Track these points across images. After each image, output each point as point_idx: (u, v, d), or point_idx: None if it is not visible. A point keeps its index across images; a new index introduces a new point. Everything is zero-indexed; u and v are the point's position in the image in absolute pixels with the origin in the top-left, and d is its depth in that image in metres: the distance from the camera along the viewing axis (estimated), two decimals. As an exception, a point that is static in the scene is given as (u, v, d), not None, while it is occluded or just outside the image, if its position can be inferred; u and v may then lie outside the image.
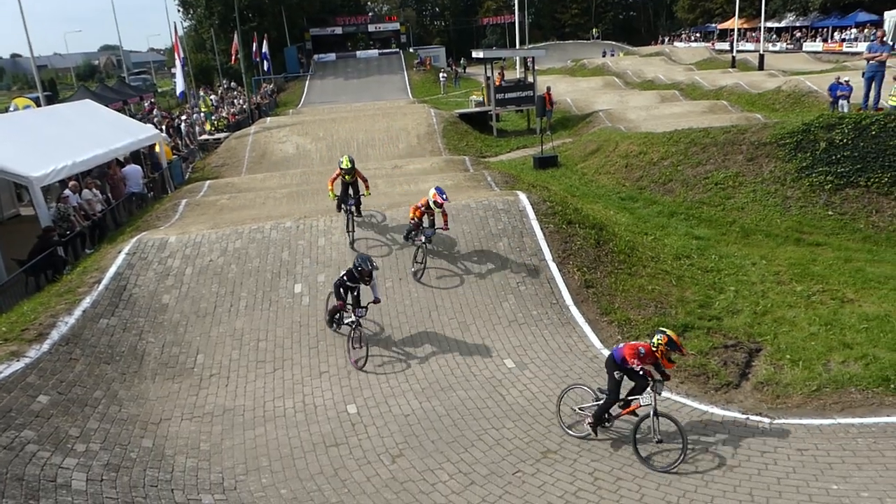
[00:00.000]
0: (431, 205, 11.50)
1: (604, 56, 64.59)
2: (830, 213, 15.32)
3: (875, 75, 18.72)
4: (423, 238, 11.67)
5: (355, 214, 12.49)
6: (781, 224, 15.21)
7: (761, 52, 48.73)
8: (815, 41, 56.35)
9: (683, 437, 7.44)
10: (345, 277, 9.82)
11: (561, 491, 7.15)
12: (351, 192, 12.45)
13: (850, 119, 16.53)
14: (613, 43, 75.65)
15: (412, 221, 11.77)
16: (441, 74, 50.46)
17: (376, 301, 9.79)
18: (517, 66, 36.02)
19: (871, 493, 6.77)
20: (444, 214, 11.65)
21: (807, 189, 15.86)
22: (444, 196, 11.46)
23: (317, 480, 7.52)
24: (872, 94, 18.78)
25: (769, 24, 58.21)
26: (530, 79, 30.64)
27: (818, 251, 13.76)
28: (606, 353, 9.76)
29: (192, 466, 7.69)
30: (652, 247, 13.45)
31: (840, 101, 22.61)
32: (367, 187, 12.65)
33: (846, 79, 23.54)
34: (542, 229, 12.40)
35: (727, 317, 10.70)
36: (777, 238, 14.62)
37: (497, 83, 29.84)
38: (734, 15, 53.85)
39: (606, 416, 7.91)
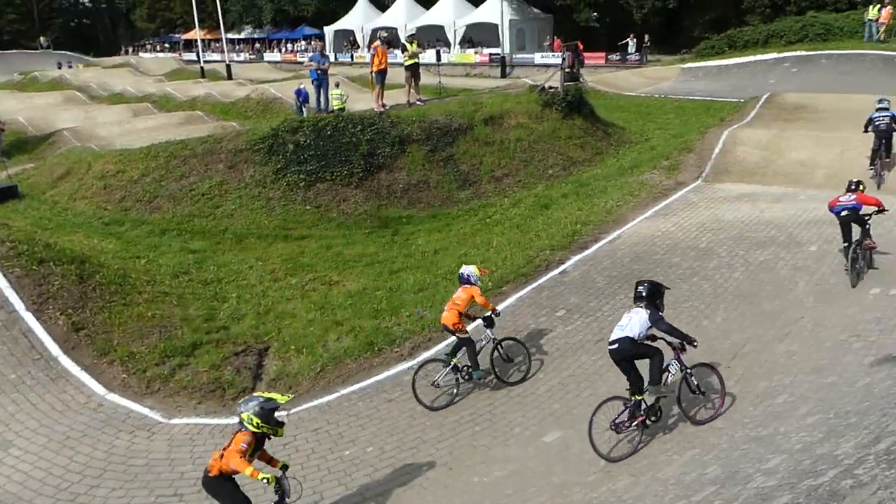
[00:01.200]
0: (475, 279, 8.69)
1: (60, 68, 57.96)
2: (308, 207, 16.97)
3: (321, 82, 21.38)
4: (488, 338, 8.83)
5: None
6: (269, 224, 16.18)
7: (227, 62, 50.88)
8: (273, 52, 61.64)
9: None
10: None
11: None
12: None
13: (309, 122, 18.56)
14: (69, 53, 68.63)
15: (463, 336, 8.57)
16: None
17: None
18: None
19: (374, 446, 7.80)
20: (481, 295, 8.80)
21: (285, 188, 17.18)
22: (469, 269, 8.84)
23: None
24: (322, 99, 21.42)
25: (231, 36, 61.14)
26: (-36, 96, 25.47)
27: (304, 244, 15.12)
28: (114, 396, 8.91)
29: None
30: (146, 270, 12.72)
31: (301, 107, 25.22)
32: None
33: (302, 86, 26.35)
34: (4, 276, 10.41)
35: (233, 324, 10.86)
36: (268, 238, 15.51)
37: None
38: (195, 26, 54.59)
39: None
